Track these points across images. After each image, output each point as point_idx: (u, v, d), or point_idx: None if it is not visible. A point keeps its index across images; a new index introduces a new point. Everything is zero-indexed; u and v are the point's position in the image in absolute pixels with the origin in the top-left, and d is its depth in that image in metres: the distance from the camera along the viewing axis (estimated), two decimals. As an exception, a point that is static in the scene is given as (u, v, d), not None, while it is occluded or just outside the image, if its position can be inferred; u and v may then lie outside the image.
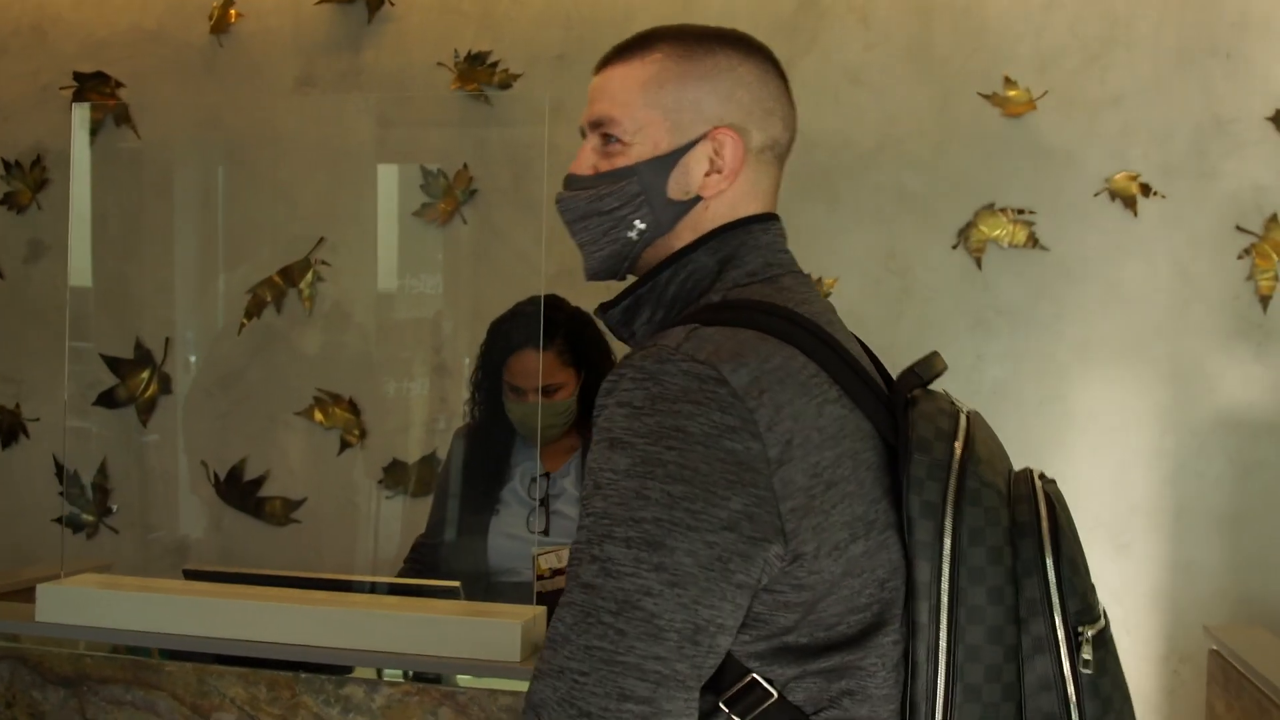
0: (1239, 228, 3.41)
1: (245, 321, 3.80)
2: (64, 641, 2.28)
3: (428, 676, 2.13)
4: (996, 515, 1.34)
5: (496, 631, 2.12)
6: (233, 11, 3.87)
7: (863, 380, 1.38)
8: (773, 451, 1.26)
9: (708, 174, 1.46)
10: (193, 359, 3.95)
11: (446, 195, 3.71)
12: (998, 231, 3.50)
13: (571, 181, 1.52)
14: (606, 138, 1.48)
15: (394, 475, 3.73)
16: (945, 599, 1.32)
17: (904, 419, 1.37)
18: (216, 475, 3.84)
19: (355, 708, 2.13)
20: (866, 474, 1.34)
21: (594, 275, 1.53)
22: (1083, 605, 1.35)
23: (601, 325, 2.77)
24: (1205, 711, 3.01)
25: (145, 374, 3.91)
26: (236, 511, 3.85)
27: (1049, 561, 1.34)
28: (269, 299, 3.80)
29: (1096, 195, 3.46)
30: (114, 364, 3.93)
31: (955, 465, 1.34)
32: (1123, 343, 3.47)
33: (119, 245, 3.92)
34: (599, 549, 1.25)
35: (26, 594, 2.52)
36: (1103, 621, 1.37)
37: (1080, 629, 1.34)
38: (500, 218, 3.72)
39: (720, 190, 1.46)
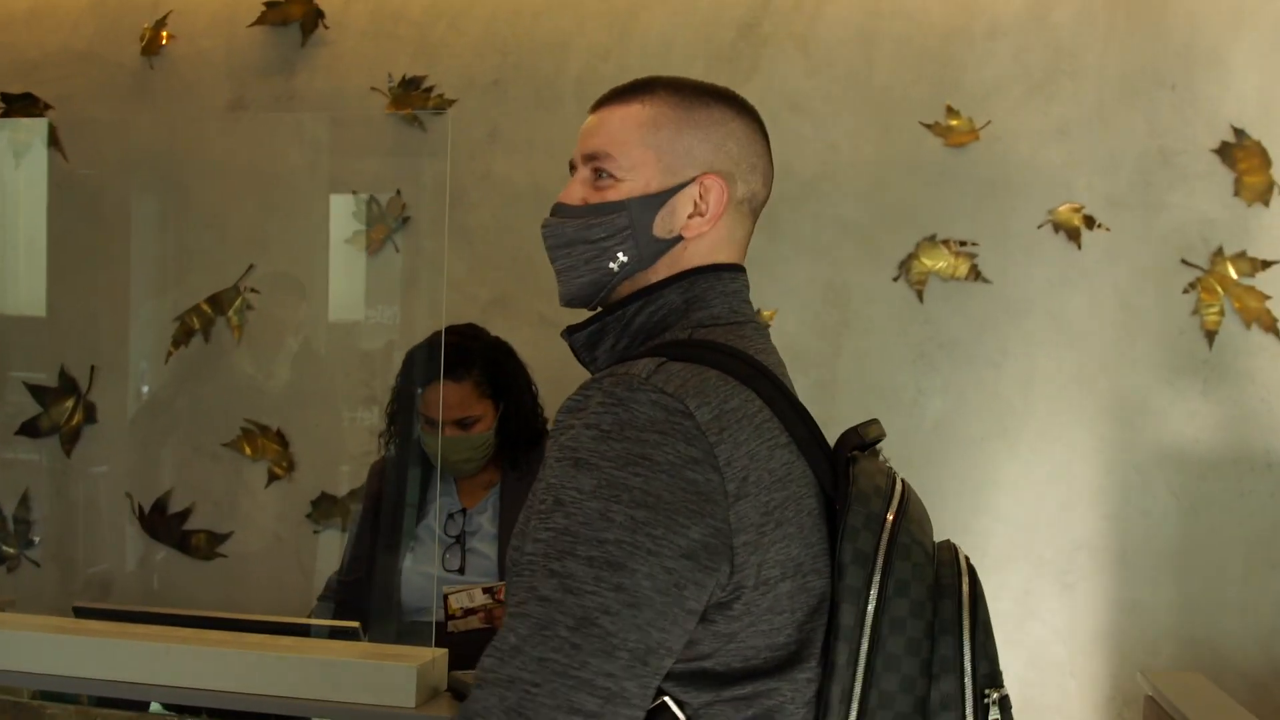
0: (1184, 261, 3.35)
1: (172, 350, 3.71)
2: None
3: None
4: (922, 572, 1.42)
5: (392, 675, 2.03)
6: (164, 33, 3.79)
7: (810, 431, 1.47)
8: (731, 486, 1.34)
9: (691, 216, 1.55)
10: (125, 387, 3.85)
11: (379, 222, 3.63)
12: (939, 264, 3.43)
13: (560, 209, 1.59)
14: (599, 172, 1.56)
15: (322, 509, 3.64)
16: (865, 644, 1.39)
17: (846, 473, 1.46)
18: (141, 507, 3.74)
19: (244, 756, 2.04)
20: (807, 519, 1.42)
21: (569, 301, 1.61)
22: (991, 669, 1.42)
23: (521, 358, 2.71)
24: (1143, 758, 2.93)
25: (69, 403, 3.81)
26: (162, 545, 3.74)
27: (965, 623, 1.42)
28: (197, 327, 3.71)
29: (1040, 227, 3.40)
30: (38, 392, 3.82)
31: (890, 520, 1.43)
32: (1066, 378, 3.41)
33: (44, 270, 3.83)
34: (559, 564, 1.30)
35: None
36: (1006, 689, 1.43)
37: (988, 691, 1.41)
38: (433, 246, 3.63)
39: (701, 233, 1.55)
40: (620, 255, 1.54)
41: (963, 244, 3.42)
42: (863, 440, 1.52)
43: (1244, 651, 3.32)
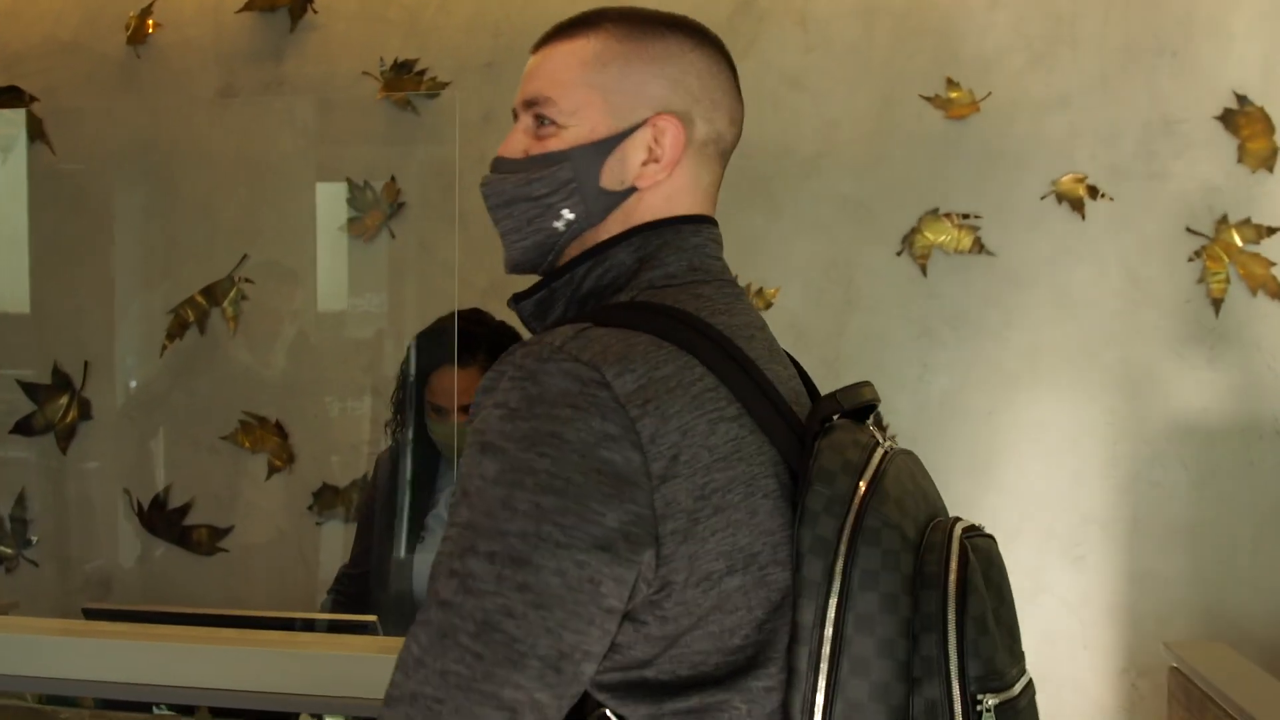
0: (1189, 229, 3.33)
1: (167, 343, 3.66)
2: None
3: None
4: (896, 560, 1.22)
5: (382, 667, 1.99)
6: (150, 21, 3.73)
7: (772, 403, 1.27)
8: (655, 466, 1.17)
9: (645, 163, 1.36)
10: (117, 382, 3.80)
11: (373, 209, 3.58)
12: (943, 237, 3.40)
13: (499, 164, 1.40)
14: (540, 119, 1.37)
15: (325, 500, 3.59)
16: (827, 646, 1.20)
17: (810, 447, 1.25)
18: (140, 504, 3.69)
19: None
20: (762, 502, 1.23)
21: (515, 268, 1.41)
22: (987, 670, 1.21)
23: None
24: (1165, 730, 2.92)
25: (64, 399, 3.75)
26: (162, 541, 3.70)
27: (951, 618, 1.21)
28: (192, 319, 3.66)
29: (1043, 198, 3.37)
30: (31, 390, 3.77)
31: (856, 501, 1.22)
32: (1073, 349, 3.38)
33: (34, 265, 3.77)
34: (459, 563, 1.15)
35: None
36: (1015, 691, 1.24)
37: (980, 696, 1.20)
38: (429, 231, 3.59)
39: (656, 181, 1.36)
40: (566, 213, 1.36)
41: (965, 217, 3.39)
42: (840, 406, 1.31)
43: (1257, 620, 3.30)
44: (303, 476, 3.64)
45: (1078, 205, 3.35)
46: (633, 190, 1.36)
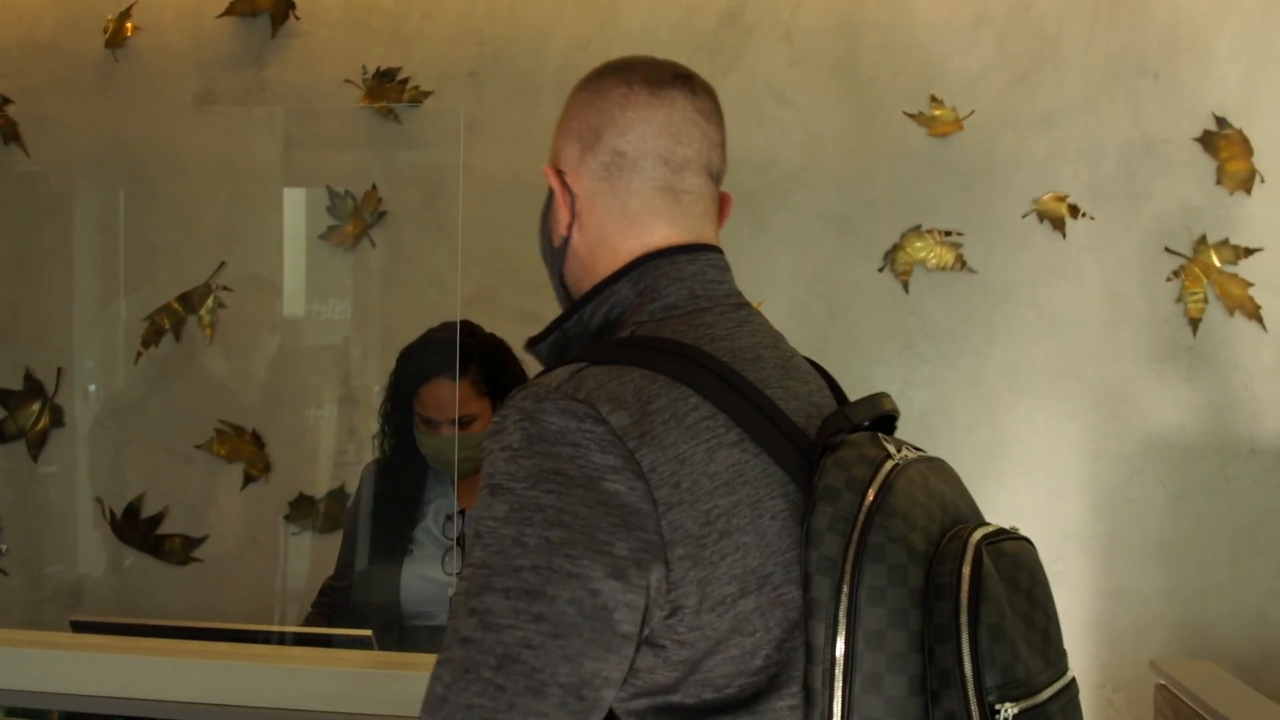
0: (1168, 249, 3.36)
1: (143, 350, 3.61)
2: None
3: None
4: (904, 574, 1.22)
5: (412, 685, 1.97)
6: (129, 25, 3.68)
7: (775, 424, 1.29)
8: (659, 493, 1.21)
9: (562, 211, 1.46)
10: (90, 389, 3.75)
11: (354, 217, 3.55)
12: (925, 254, 3.41)
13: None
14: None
15: (300, 510, 3.56)
16: (840, 665, 1.21)
17: (817, 465, 1.27)
18: (112, 512, 3.64)
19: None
20: (770, 524, 1.26)
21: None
22: (1006, 679, 1.21)
23: (520, 353, 2.66)
24: (1149, 747, 2.93)
25: (36, 406, 3.70)
26: (135, 550, 3.65)
27: (964, 627, 1.21)
28: (168, 326, 3.62)
29: (1025, 217, 3.39)
30: (2, 396, 3.72)
31: (860, 518, 1.23)
32: (1053, 367, 3.40)
33: (7, 270, 3.72)
34: (477, 601, 1.18)
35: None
36: (1043, 696, 1.24)
37: (1000, 706, 1.20)
38: (410, 240, 3.57)
39: (568, 226, 1.46)
40: (554, 273, 1.51)
41: (948, 234, 3.41)
42: (850, 422, 1.33)
43: (1232, 637, 3.33)
44: (279, 486, 3.60)
45: (1059, 224, 3.38)
46: (566, 240, 1.47)
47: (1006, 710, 1.20)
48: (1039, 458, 3.40)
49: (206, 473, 3.64)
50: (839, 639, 1.21)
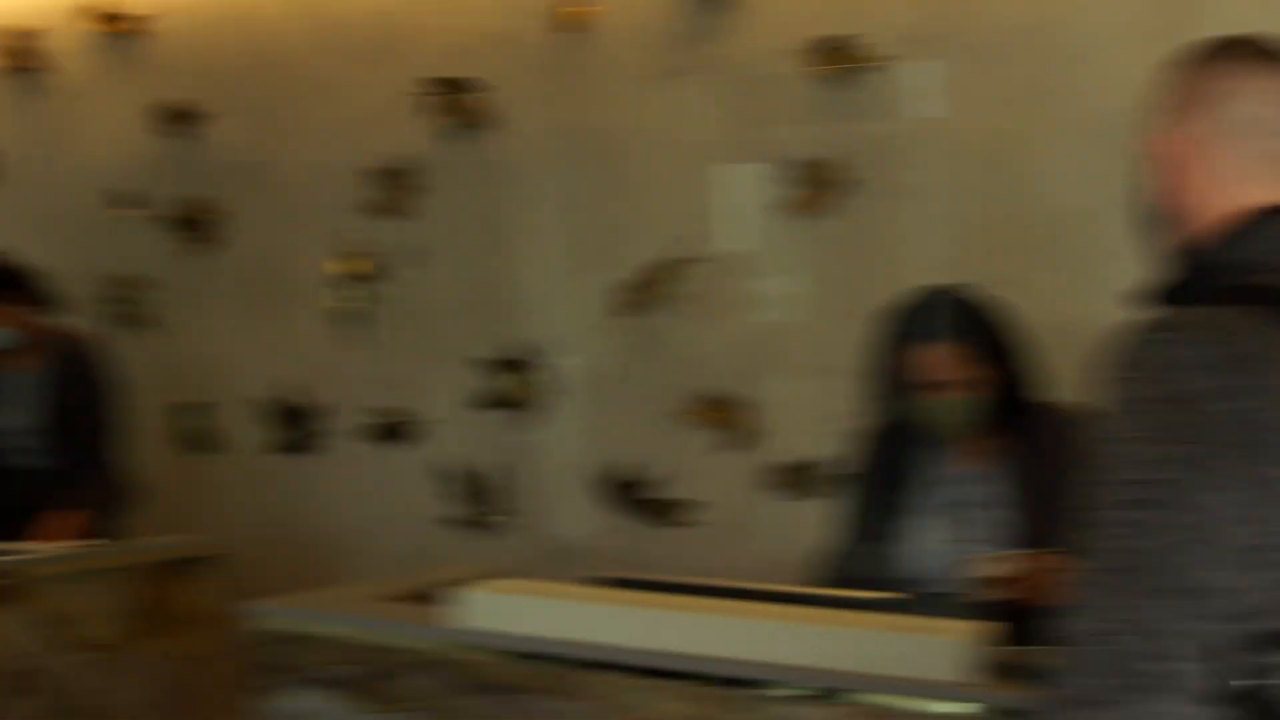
0: None
1: (617, 321, 3.78)
2: (487, 649, 2.24)
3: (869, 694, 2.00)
4: None
5: (941, 649, 1.98)
6: (586, 9, 3.83)
7: None
8: (1265, 415, 1.28)
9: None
10: (571, 360, 3.97)
11: (817, 187, 3.58)
12: None
13: None
14: None
15: (790, 478, 3.66)
16: None
17: None
18: (603, 477, 3.85)
19: (782, 725, 2.02)
20: None
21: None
22: None
23: (1011, 318, 2.61)
24: None
25: (528, 376, 3.92)
26: (625, 514, 3.85)
27: None
28: (646, 298, 3.76)
29: None
30: (506, 366, 3.96)
31: None
32: None
33: (488, 249, 3.96)
34: (1122, 514, 1.29)
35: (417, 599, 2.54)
36: None
37: None
38: (870, 209, 3.57)
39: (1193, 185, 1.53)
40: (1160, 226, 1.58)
41: None
42: None
43: None
44: (766, 455, 3.71)
45: None
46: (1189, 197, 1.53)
47: None
48: None
49: (696, 440, 3.77)
50: None
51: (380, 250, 4.15)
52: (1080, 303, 2.98)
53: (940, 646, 1.98)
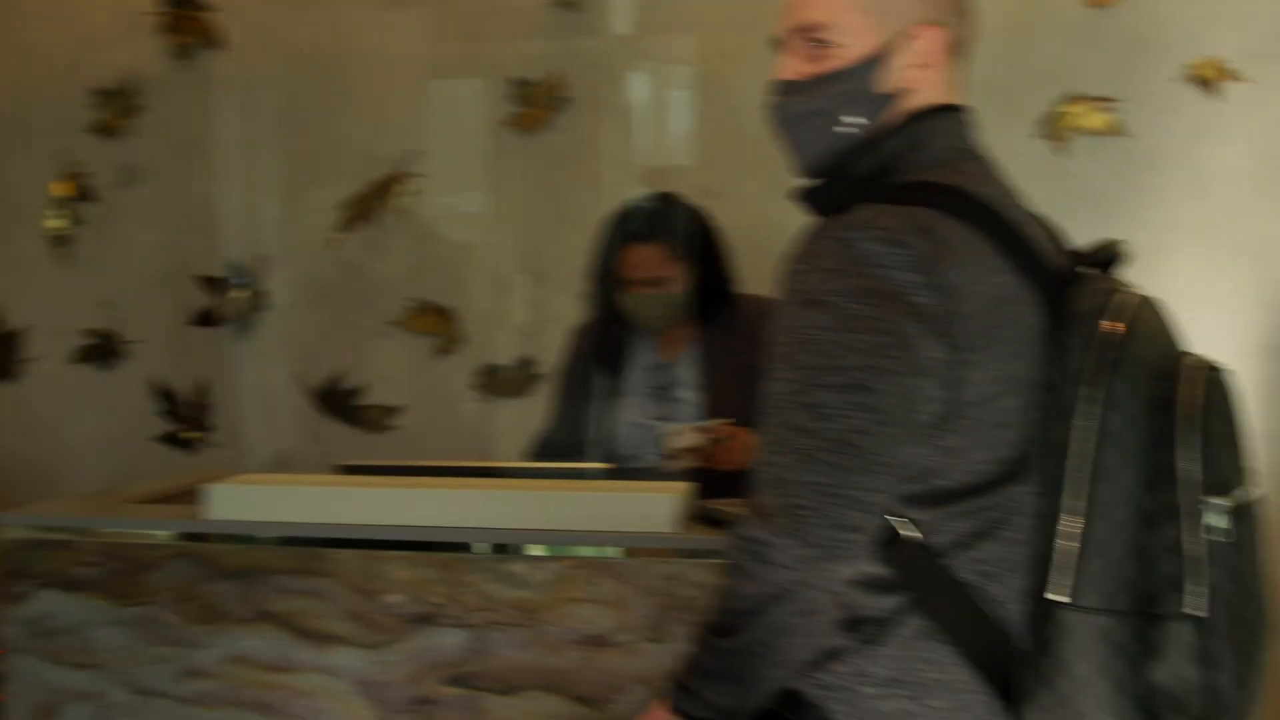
0: (1321, 109, 3.46)
1: (338, 237, 3.86)
2: (231, 537, 2.36)
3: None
4: (1141, 386, 1.44)
5: (651, 505, 2.22)
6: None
7: (1031, 255, 1.52)
8: (956, 306, 1.42)
9: (909, 68, 1.58)
10: (289, 274, 4.01)
11: (536, 104, 3.75)
12: (1080, 119, 3.54)
13: (786, 87, 1.62)
14: (817, 41, 1.58)
15: (491, 379, 3.83)
16: (1081, 459, 1.43)
17: (1065, 293, 1.50)
18: (314, 387, 3.93)
19: (520, 583, 2.22)
20: (1029, 336, 1.49)
21: (808, 172, 1.64)
22: (1218, 478, 1.43)
23: (714, 222, 2.87)
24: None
25: (240, 292, 3.97)
26: (335, 421, 3.94)
27: (1188, 433, 1.42)
28: (361, 214, 3.86)
29: (1178, 81, 3.50)
30: (210, 283, 4.00)
31: (1105, 337, 1.45)
32: (1204, 226, 3.52)
33: (210, 168, 3.98)
34: (810, 396, 1.41)
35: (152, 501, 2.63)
36: (1245, 498, 1.46)
37: (1203, 498, 1.42)
38: (590, 123, 3.76)
39: (922, 83, 1.58)
40: (852, 119, 1.58)
41: (1102, 99, 3.53)
42: (1091, 259, 1.58)
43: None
44: (469, 357, 3.87)
45: (1212, 87, 3.48)
46: (903, 92, 1.58)
47: (1218, 502, 1.42)
48: (1191, 310, 3.52)
49: (400, 348, 3.90)
50: (1082, 437, 1.43)
51: (95, 171, 4.10)
52: (781, 207, 3.24)
53: (643, 502, 2.22)
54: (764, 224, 2.95)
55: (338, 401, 3.93)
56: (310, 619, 2.33)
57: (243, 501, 2.35)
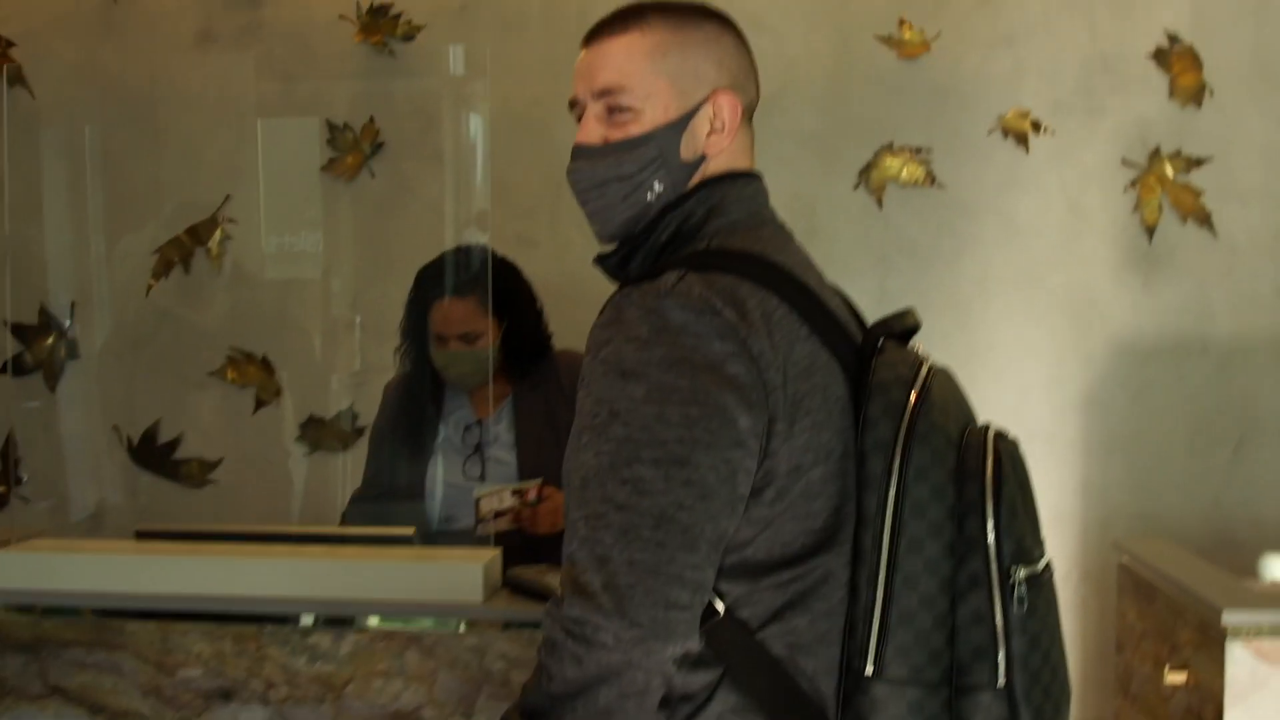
0: (1124, 161, 3.57)
1: (153, 282, 3.76)
2: (19, 608, 2.27)
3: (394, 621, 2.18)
4: (943, 457, 1.47)
5: (458, 574, 2.18)
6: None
7: (833, 324, 1.52)
8: (766, 376, 1.41)
9: (710, 134, 1.58)
10: (102, 322, 3.88)
11: (353, 149, 3.70)
12: (897, 171, 3.61)
13: (584, 151, 1.60)
14: (616, 108, 1.57)
15: (311, 431, 3.74)
16: (888, 529, 1.45)
17: (868, 364, 1.51)
18: (130, 439, 3.81)
19: (322, 656, 2.17)
20: (834, 406, 1.49)
21: (610, 238, 1.63)
22: (1018, 548, 1.46)
23: (525, 275, 2.85)
24: (1116, 621, 3.18)
25: (51, 339, 3.84)
26: (152, 475, 3.82)
27: (989, 504, 1.45)
28: (176, 259, 3.76)
29: (990, 133, 3.59)
30: (19, 330, 3.85)
31: (909, 409, 1.47)
32: (1018, 275, 3.61)
33: (19, 209, 3.83)
34: (629, 470, 1.38)
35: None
36: (1039, 567, 1.49)
37: (1013, 569, 1.45)
38: (408, 170, 3.72)
39: (721, 149, 1.59)
40: (655, 185, 1.56)
41: (918, 150, 3.60)
42: (890, 330, 1.57)
43: (1188, 524, 3.58)
44: (290, 410, 3.77)
45: (1022, 139, 3.58)
46: (703, 158, 1.58)
47: (1019, 572, 1.45)
48: (1007, 362, 3.62)
49: (220, 399, 3.80)
50: (889, 508, 1.45)
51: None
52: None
53: (451, 572, 2.19)
54: (586, 273, 2.95)
55: (155, 455, 3.81)
56: (105, 694, 2.25)
57: (30, 569, 2.26)
